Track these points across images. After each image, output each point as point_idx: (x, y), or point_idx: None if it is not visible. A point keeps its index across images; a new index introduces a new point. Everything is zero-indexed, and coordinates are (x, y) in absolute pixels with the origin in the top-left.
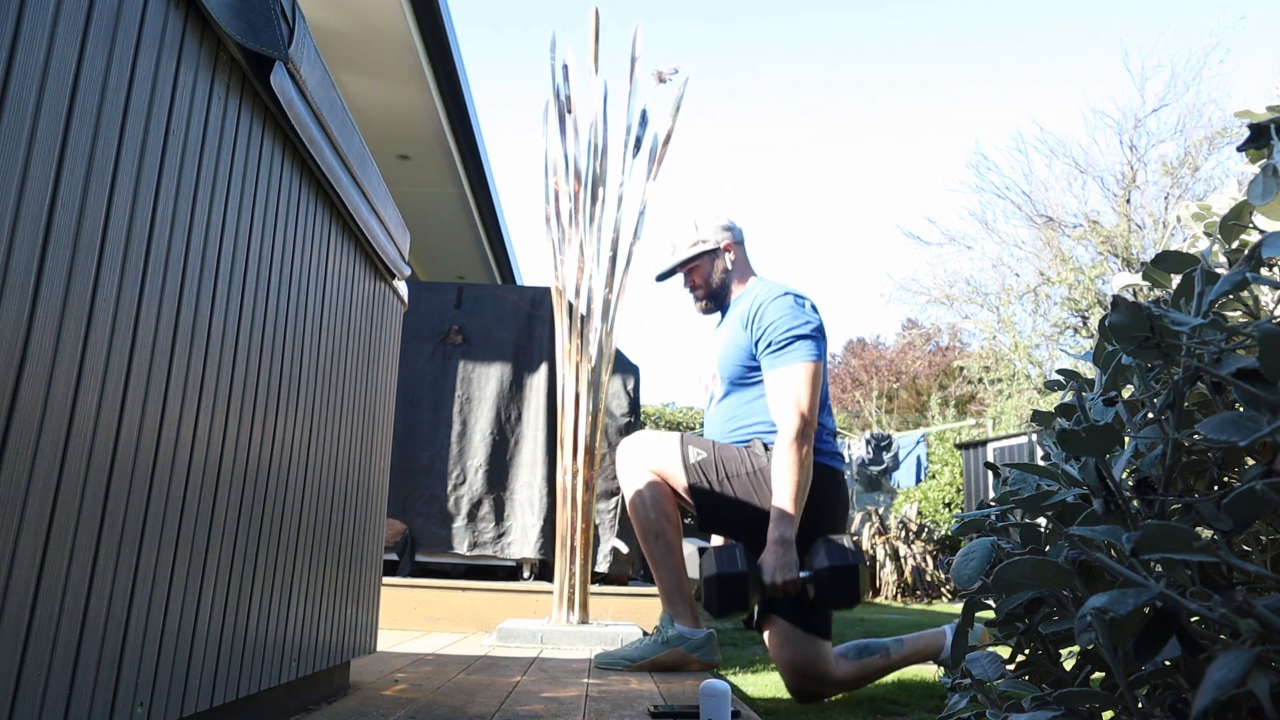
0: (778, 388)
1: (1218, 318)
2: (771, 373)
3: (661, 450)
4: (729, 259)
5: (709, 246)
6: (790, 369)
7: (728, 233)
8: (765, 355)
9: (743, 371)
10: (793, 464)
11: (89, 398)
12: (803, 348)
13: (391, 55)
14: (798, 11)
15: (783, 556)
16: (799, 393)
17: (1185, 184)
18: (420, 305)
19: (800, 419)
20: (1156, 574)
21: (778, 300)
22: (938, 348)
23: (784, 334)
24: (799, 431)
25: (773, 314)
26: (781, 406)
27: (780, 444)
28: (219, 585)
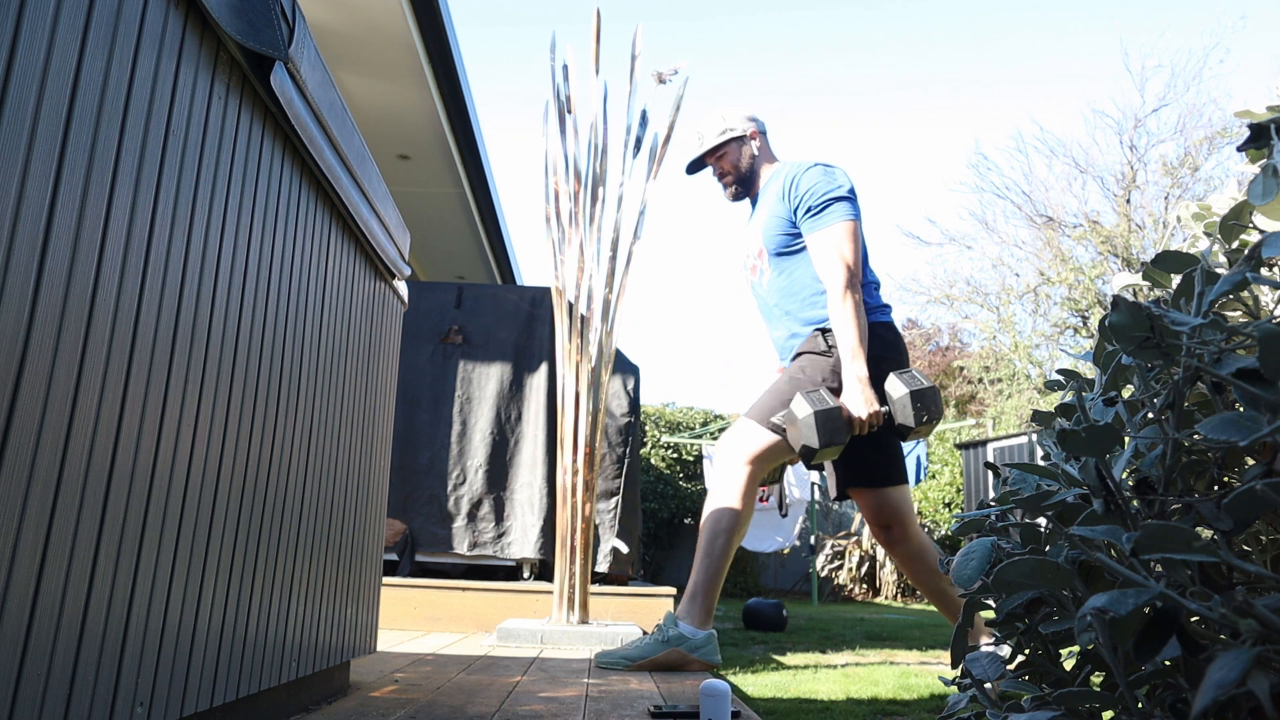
0: (823, 248)
1: (1218, 318)
2: (813, 235)
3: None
4: (755, 145)
5: (737, 133)
6: (832, 229)
7: (752, 121)
8: (806, 220)
9: (787, 240)
10: (850, 313)
11: (89, 398)
12: (840, 209)
13: (391, 55)
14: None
15: (864, 392)
16: (843, 249)
17: (1185, 184)
18: (420, 305)
19: (847, 271)
20: (1156, 574)
21: (810, 170)
22: (938, 348)
23: (821, 198)
24: (847, 282)
25: (808, 182)
26: (829, 264)
27: (833, 298)
28: (219, 585)
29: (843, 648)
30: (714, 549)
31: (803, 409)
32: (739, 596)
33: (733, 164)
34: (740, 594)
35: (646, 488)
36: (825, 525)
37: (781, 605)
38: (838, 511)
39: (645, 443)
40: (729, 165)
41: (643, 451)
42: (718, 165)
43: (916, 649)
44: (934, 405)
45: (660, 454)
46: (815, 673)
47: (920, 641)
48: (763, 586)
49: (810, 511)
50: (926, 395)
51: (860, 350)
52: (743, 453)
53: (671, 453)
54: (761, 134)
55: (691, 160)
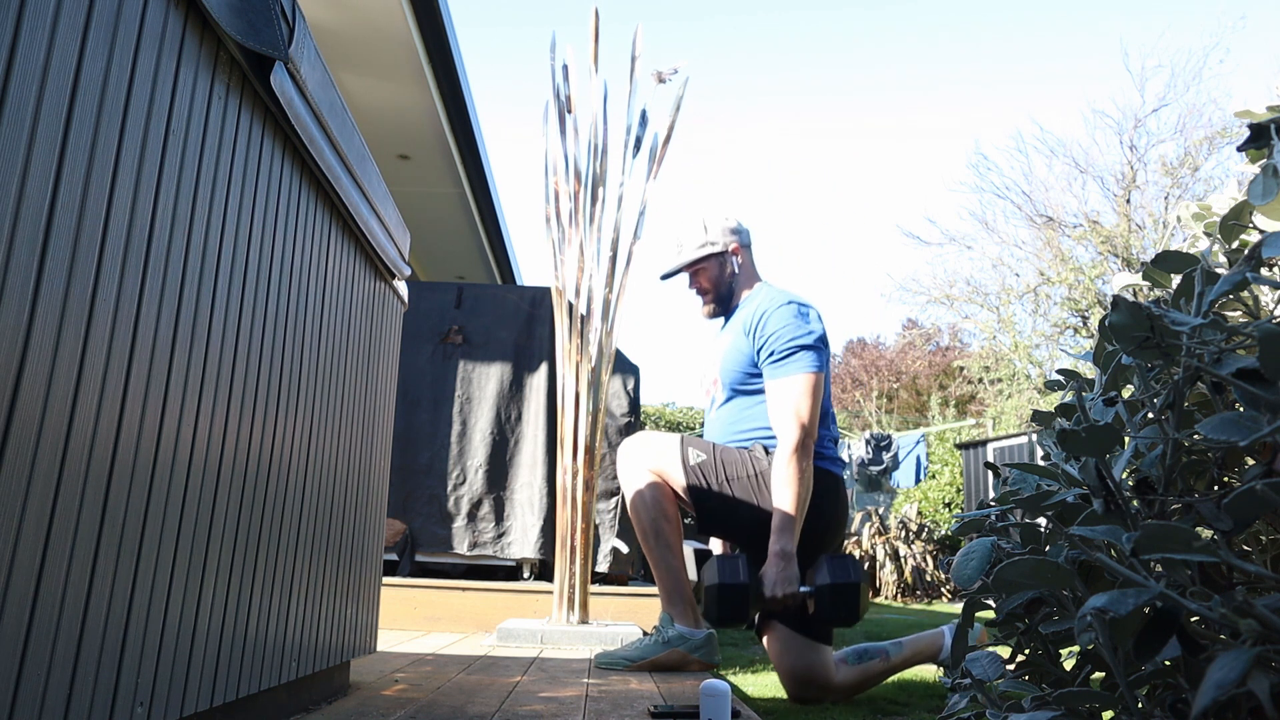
0: (779, 398)
1: (1218, 318)
2: (773, 382)
3: (661, 451)
4: (736, 263)
5: (716, 249)
6: (791, 379)
7: (735, 236)
8: (767, 364)
9: (744, 378)
10: (794, 476)
11: (89, 398)
12: (804, 358)
13: (391, 55)
14: (797, 11)
15: (784, 570)
16: (800, 404)
17: (1185, 184)
18: (420, 305)
19: (801, 430)
20: (1156, 574)
21: (781, 309)
22: (938, 348)
23: (786, 344)
24: (799, 443)
25: (776, 323)
26: (782, 418)
27: (780, 456)
28: (219, 585)
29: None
30: (657, 551)
31: (710, 576)
32: None
33: (711, 281)
34: None
35: None
36: None
37: None
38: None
39: None
40: (707, 282)
41: None
42: (695, 280)
43: None
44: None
45: None
46: None
47: None
48: None
49: None
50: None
51: (794, 523)
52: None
53: None
54: (745, 248)
55: (667, 271)
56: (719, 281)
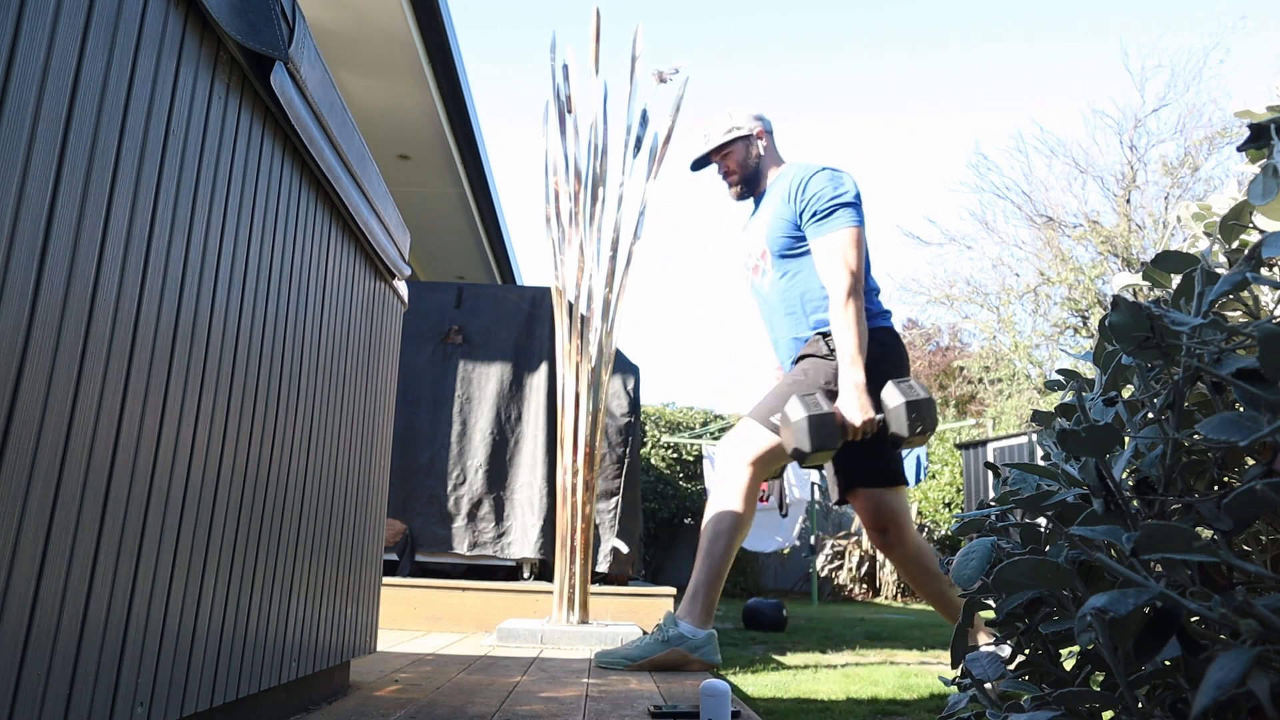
0: (827, 252)
1: (1218, 318)
2: (818, 239)
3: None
4: (761, 145)
5: (743, 132)
6: (836, 234)
7: (759, 121)
8: (811, 224)
9: (790, 243)
10: (852, 318)
11: (89, 398)
12: (846, 214)
13: (391, 55)
14: (797, 11)
15: (859, 398)
16: (847, 255)
17: (1185, 184)
18: (420, 305)
19: (851, 277)
20: (1156, 574)
21: (819, 174)
22: (938, 348)
23: (828, 203)
24: (850, 288)
25: (815, 186)
26: (832, 269)
27: (835, 303)
28: (219, 585)
29: (843, 648)
30: (715, 549)
31: (796, 412)
32: (739, 596)
33: (738, 163)
34: (740, 594)
35: (646, 488)
36: (825, 525)
37: (782, 605)
38: (838, 511)
39: (645, 443)
40: (734, 164)
41: (643, 451)
42: (723, 164)
43: (916, 649)
44: (929, 416)
45: (660, 454)
46: (815, 673)
47: (920, 641)
48: (763, 586)
49: (810, 511)
50: (922, 406)
51: (859, 357)
52: (745, 454)
53: (671, 453)
54: (768, 133)
55: (696, 157)
56: (745, 163)
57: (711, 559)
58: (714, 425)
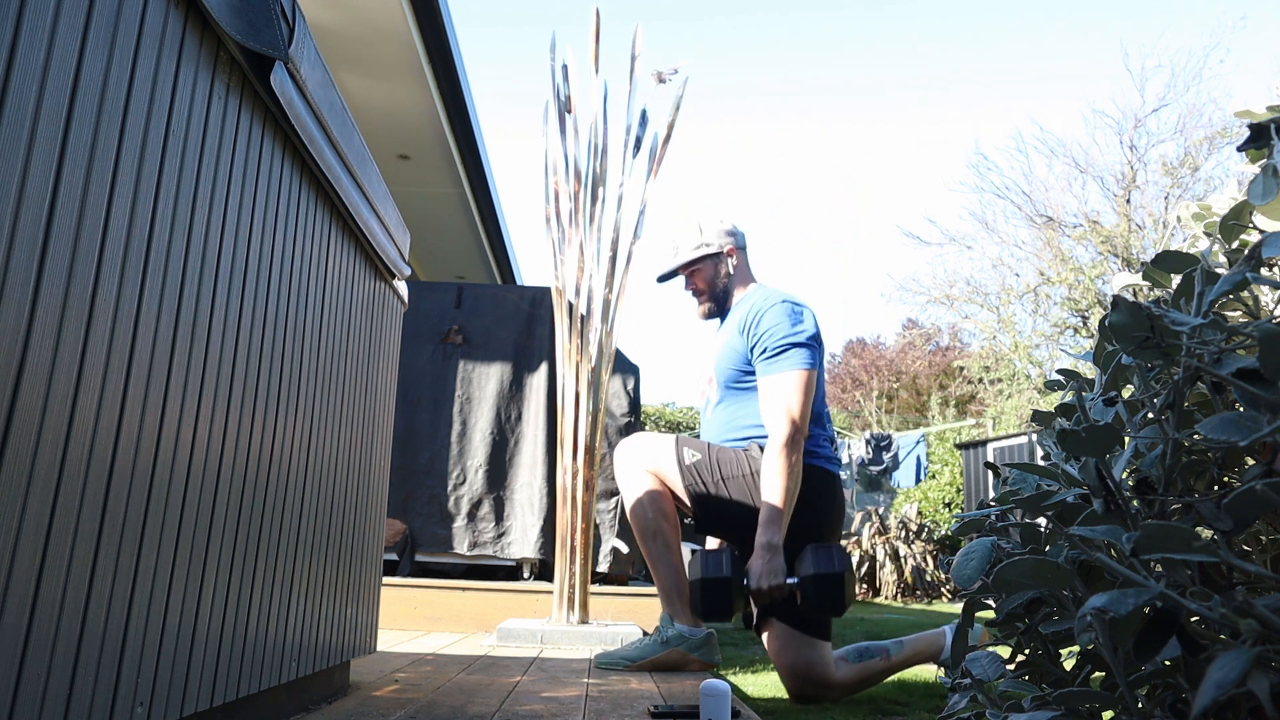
0: (770, 394)
1: (1218, 318)
2: (765, 379)
3: (657, 451)
4: (731, 264)
5: (712, 250)
6: (783, 376)
7: (731, 238)
8: (760, 361)
9: (738, 375)
10: (782, 469)
11: (89, 398)
12: (796, 355)
13: (391, 55)
14: (797, 11)
15: (769, 562)
16: (790, 400)
17: (1185, 184)
18: (420, 305)
19: (791, 425)
20: (1156, 574)
21: (775, 308)
22: (938, 348)
23: (779, 341)
24: (789, 438)
25: (769, 321)
26: (773, 413)
27: (770, 450)
28: (219, 585)
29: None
30: (655, 550)
31: (693, 571)
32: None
33: (707, 282)
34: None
35: None
36: None
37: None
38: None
39: None
40: (703, 283)
41: None
42: (691, 281)
43: None
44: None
45: None
46: None
47: None
48: None
49: None
50: (833, 581)
51: (782, 515)
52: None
53: None
54: (740, 250)
55: (663, 272)
56: (714, 282)
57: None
58: None
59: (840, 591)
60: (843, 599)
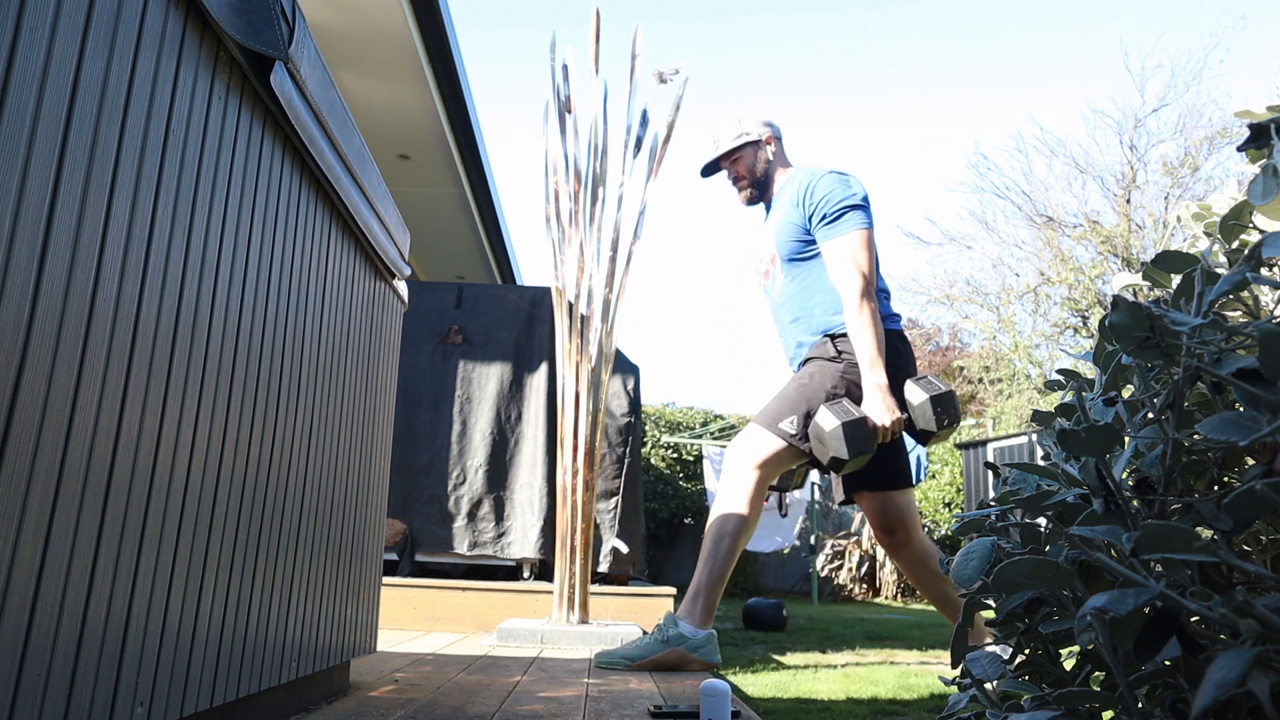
0: (838, 255)
1: (1218, 318)
2: (828, 243)
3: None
4: (770, 150)
5: (752, 138)
6: (847, 237)
7: (768, 127)
8: (821, 227)
9: (800, 247)
10: (868, 320)
11: (89, 398)
12: (855, 217)
13: (391, 55)
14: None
15: (885, 400)
16: (858, 257)
17: (1185, 184)
18: (420, 305)
19: (863, 279)
20: (1156, 574)
21: (825, 177)
22: (938, 348)
23: (837, 205)
24: (863, 290)
25: (823, 189)
26: (844, 272)
27: (850, 306)
28: (219, 585)
29: (843, 648)
30: (719, 550)
31: (829, 422)
32: (739, 596)
33: (748, 168)
34: (740, 594)
35: (646, 488)
36: (825, 525)
37: (781, 605)
38: (837, 511)
39: (645, 443)
40: (744, 169)
41: (643, 451)
42: (732, 169)
43: (916, 649)
44: (953, 409)
45: (660, 454)
46: (815, 673)
47: (920, 641)
48: (763, 586)
49: (810, 511)
50: (945, 400)
51: (879, 358)
52: (751, 458)
53: (671, 453)
54: (777, 139)
55: (706, 163)
56: (754, 168)
57: (715, 560)
58: (714, 425)
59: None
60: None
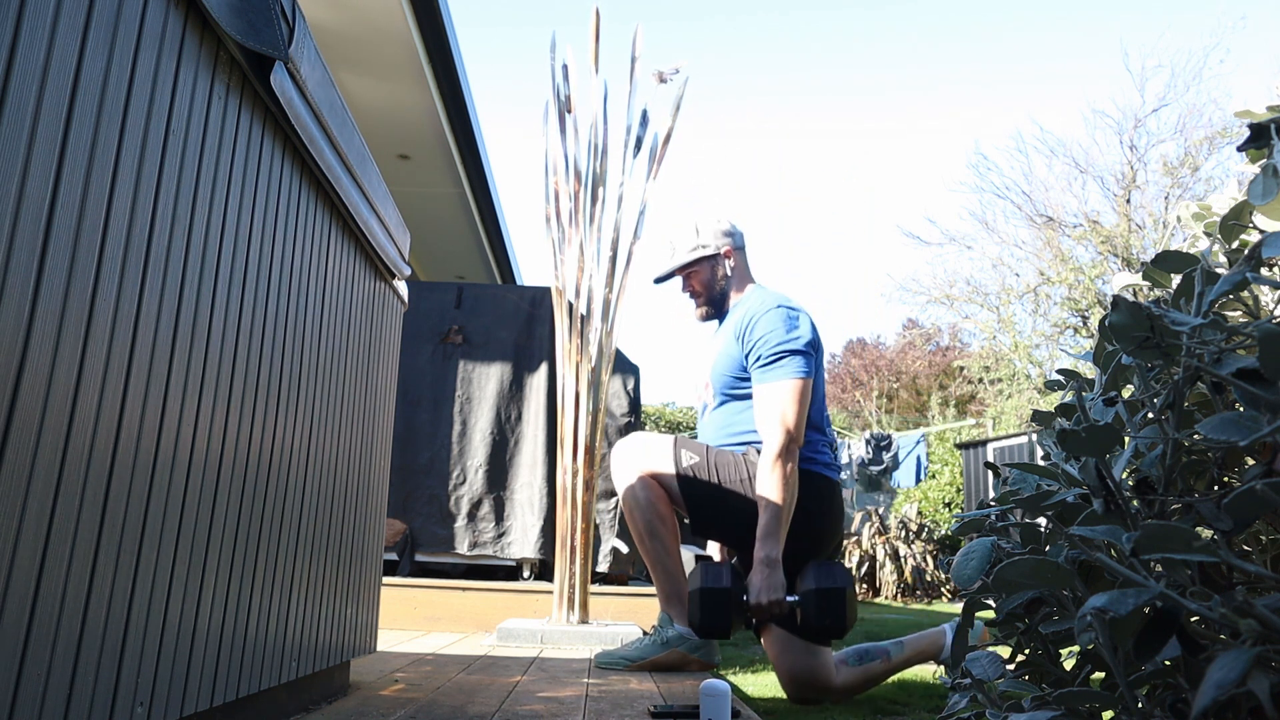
0: (764, 403)
1: (1218, 318)
2: (760, 387)
3: (655, 452)
4: (728, 265)
5: (709, 252)
6: (778, 385)
7: (728, 238)
8: (755, 369)
9: (734, 382)
10: (778, 481)
11: (89, 398)
12: (791, 364)
13: (391, 55)
14: (797, 11)
15: (769, 577)
16: (785, 409)
17: (1185, 184)
18: (420, 305)
19: (786, 435)
20: (1156, 574)
21: (770, 314)
22: (938, 348)
23: (773, 349)
24: (783, 448)
25: (764, 327)
26: (767, 422)
27: (764, 461)
28: (219, 585)
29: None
30: (654, 551)
31: (693, 580)
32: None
33: (703, 284)
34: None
35: None
36: None
37: None
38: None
39: None
40: (699, 285)
41: None
42: (688, 283)
43: None
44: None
45: None
46: None
47: None
48: None
49: None
50: (836, 597)
51: (779, 528)
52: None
53: None
54: (738, 250)
55: (660, 274)
56: (711, 284)
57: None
58: None
59: (842, 608)
60: (844, 617)
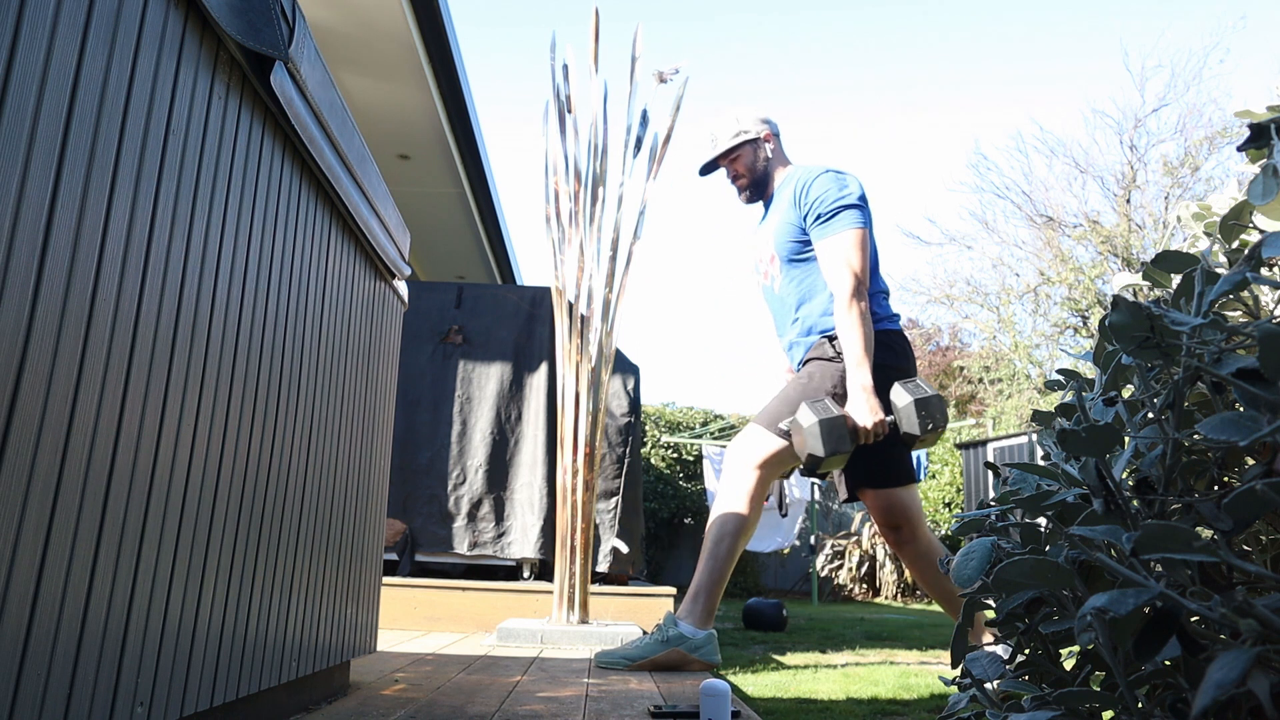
0: (831, 255)
1: (1218, 318)
2: (822, 242)
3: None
4: (769, 148)
5: (750, 136)
6: (840, 236)
7: (765, 124)
8: (815, 226)
9: (798, 247)
10: (856, 320)
11: (89, 397)
12: (849, 216)
13: (391, 55)
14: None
15: (868, 401)
16: (850, 257)
17: (1185, 184)
18: (420, 305)
19: (854, 279)
20: (1156, 574)
21: (821, 176)
22: (938, 348)
23: (831, 204)
24: (854, 290)
25: (819, 189)
26: (836, 271)
27: (839, 306)
28: (219, 585)
29: (843, 648)
30: (719, 551)
31: (807, 418)
32: (739, 596)
33: (746, 167)
34: (740, 594)
35: (646, 488)
36: (825, 525)
37: (781, 605)
38: (838, 511)
39: (645, 443)
40: (742, 168)
41: (643, 451)
42: (731, 168)
43: (916, 649)
44: (939, 413)
45: (660, 454)
46: (815, 673)
47: (920, 641)
48: (763, 586)
49: (810, 511)
50: (931, 403)
51: (865, 359)
52: (751, 458)
53: (671, 453)
54: (775, 136)
55: (704, 162)
56: (754, 166)
57: (715, 560)
58: (714, 425)
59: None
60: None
